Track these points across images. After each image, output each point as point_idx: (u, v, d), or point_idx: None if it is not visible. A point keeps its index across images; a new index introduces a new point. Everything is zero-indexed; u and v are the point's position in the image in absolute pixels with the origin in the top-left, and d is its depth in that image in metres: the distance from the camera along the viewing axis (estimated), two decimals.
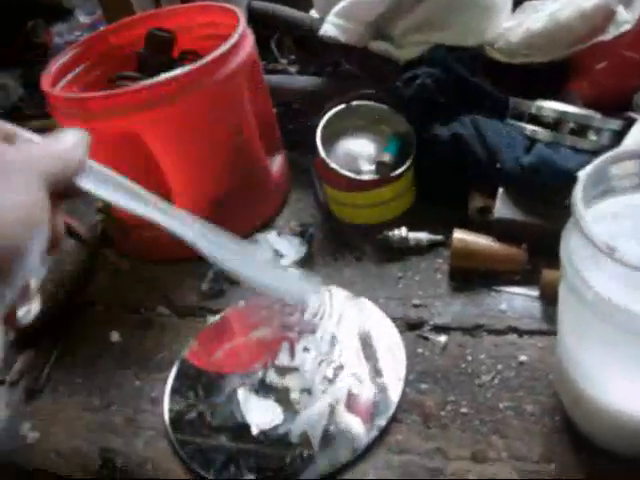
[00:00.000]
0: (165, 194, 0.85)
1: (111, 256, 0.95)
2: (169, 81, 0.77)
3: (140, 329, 0.84)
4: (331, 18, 0.92)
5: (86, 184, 0.46)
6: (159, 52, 0.95)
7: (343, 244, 0.88)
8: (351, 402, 0.68)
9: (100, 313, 0.81)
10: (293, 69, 1.11)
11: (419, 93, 0.84)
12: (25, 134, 0.46)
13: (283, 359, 0.74)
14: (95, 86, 0.93)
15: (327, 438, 0.65)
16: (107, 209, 0.95)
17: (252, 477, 0.64)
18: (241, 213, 0.90)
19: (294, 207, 0.98)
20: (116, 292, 0.88)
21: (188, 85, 0.78)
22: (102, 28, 1.06)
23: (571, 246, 0.51)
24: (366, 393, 0.68)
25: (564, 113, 0.79)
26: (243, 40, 0.84)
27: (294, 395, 0.70)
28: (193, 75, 0.78)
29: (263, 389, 0.72)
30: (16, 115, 1.25)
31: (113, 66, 0.96)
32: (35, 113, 1.26)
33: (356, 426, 0.66)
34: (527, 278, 0.76)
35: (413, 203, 0.90)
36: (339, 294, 0.80)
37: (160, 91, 0.77)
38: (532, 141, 0.80)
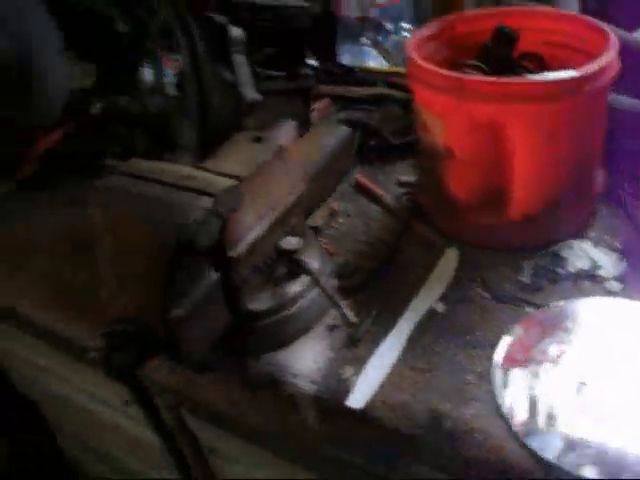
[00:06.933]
0: (502, 186, 0.89)
1: (421, 229, 1.00)
2: (554, 81, 0.81)
3: (460, 304, 0.88)
4: None
5: None
6: (502, 48, 0.99)
7: None
8: None
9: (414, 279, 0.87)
10: None
11: None
12: None
13: None
14: (441, 67, 0.98)
15: None
16: (428, 184, 0.99)
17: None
18: (562, 218, 0.93)
19: (605, 222, 0.98)
20: (429, 265, 0.92)
21: (568, 89, 0.82)
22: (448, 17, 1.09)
23: None
24: None
25: None
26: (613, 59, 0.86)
27: None
28: (576, 81, 0.81)
29: None
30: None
31: (454, 52, 1.01)
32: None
33: None
34: None
35: None
36: None
37: (542, 88, 0.82)
38: None
